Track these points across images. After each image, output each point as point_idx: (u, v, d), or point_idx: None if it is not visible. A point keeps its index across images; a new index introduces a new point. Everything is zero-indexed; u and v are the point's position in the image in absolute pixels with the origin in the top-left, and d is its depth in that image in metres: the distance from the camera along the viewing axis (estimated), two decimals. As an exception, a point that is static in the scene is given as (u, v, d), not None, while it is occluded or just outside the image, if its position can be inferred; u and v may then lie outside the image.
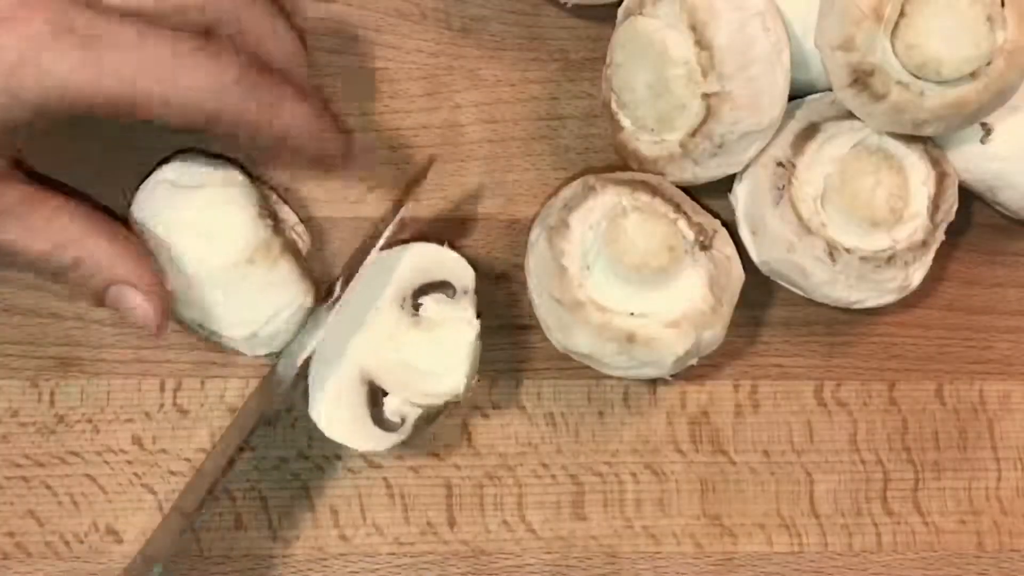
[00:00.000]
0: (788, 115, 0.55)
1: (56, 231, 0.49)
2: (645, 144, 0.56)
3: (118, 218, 0.52)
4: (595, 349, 0.53)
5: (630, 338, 0.53)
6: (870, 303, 0.56)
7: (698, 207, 0.56)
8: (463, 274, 0.55)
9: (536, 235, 0.55)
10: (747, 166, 0.56)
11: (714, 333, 0.54)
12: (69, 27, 0.46)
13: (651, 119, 0.55)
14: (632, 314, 0.53)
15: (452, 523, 0.56)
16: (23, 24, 0.45)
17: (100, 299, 0.50)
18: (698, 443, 0.58)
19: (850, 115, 0.55)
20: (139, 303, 0.50)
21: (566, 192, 0.56)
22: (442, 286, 0.55)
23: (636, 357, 0.53)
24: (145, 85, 0.46)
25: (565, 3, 0.60)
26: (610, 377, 0.57)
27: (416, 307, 0.55)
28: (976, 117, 0.54)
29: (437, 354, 0.54)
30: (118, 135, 0.56)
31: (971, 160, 0.56)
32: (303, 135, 0.50)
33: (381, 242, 0.54)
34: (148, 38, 0.47)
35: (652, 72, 0.54)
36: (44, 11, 0.46)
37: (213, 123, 0.48)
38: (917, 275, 0.56)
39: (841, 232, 0.55)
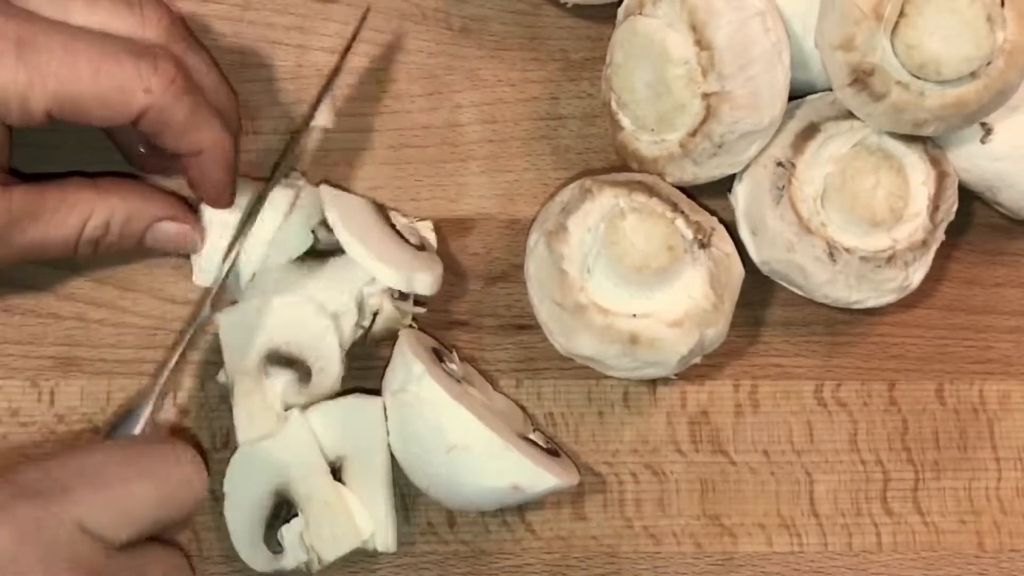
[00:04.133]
0: (788, 115, 0.55)
1: (72, 211, 0.51)
2: (645, 144, 0.56)
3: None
4: (599, 352, 0.53)
5: (633, 339, 0.53)
6: (870, 303, 0.56)
7: (695, 205, 0.56)
8: (327, 355, 0.55)
9: (535, 240, 0.55)
10: (747, 166, 0.56)
11: (717, 331, 0.54)
12: (1, 35, 0.47)
13: (651, 119, 0.55)
14: (634, 315, 0.53)
15: (452, 523, 0.56)
16: None
17: (142, 248, 0.54)
18: (698, 443, 0.58)
19: (850, 115, 0.55)
20: (178, 230, 0.53)
21: (563, 196, 0.56)
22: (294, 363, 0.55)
23: (640, 358, 0.53)
24: (78, 85, 0.48)
25: (565, 3, 0.60)
26: (610, 377, 0.57)
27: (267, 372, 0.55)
28: (976, 117, 0.54)
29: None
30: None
31: (971, 160, 0.56)
32: (214, 159, 0.53)
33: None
34: (79, 39, 0.48)
35: (652, 72, 0.54)
36: None
37: (144, 121, 0.50)
38: (917, 275, 0.56)
39: (841, 232, 0.55)
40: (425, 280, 0.55)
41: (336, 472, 0.54)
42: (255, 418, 0.54)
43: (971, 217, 0.61)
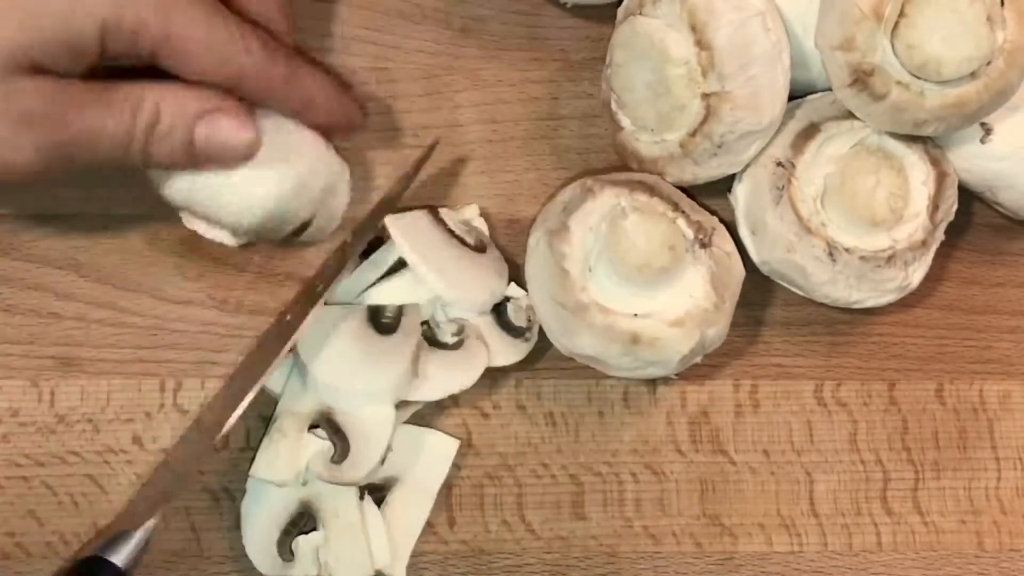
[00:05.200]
0: (788, 115, 0.55)
1: (126, 99, 0.50)
2: (645, 144, 0.56)
3: None
4: (600, 351, 0.53)
5: (634, 339, 0.53)
6: (870, 303, 0.56)
7: (696, 205, 0.56)
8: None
9: (536, 239, 0.55)
10: (747, 166, 0.56)
11: (718, 330, 0.54)
12: None
13: (651, 119, 0.55)
14: (635, 315, 0.53)
15: (452, 523, 0.56)
16: None
17: (192, 147, 0.51)
18: (698, 443, 0.58)
19: (850, 115, 0.55)
20: (232, 123, 0.51)
21: (564, 195, 0.56)
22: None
23: (641, 357, 0.53)
24: (192, 29, 0.49)
25: (565, 3, 0.60)
26: (610, 377, 0.57)
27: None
28: (976, 117, 0.54)
29: None
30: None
31: (971, 160, 0.56)
32: (325, 102, 0.53)
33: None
34: None
35: (652, 72, 0.54)
36: None
37: (238, 83, 0.50)
38: (917, 275, 0.56)
39: (841, 232, 0.55)
40: (500, 287, 0.56)
41: (377, 491, 0.55)
42: (275, 463, 0.53)
43: (971, 217, 0.61)
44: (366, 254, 0.56)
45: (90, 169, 0.50)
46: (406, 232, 0.55)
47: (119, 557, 0.50)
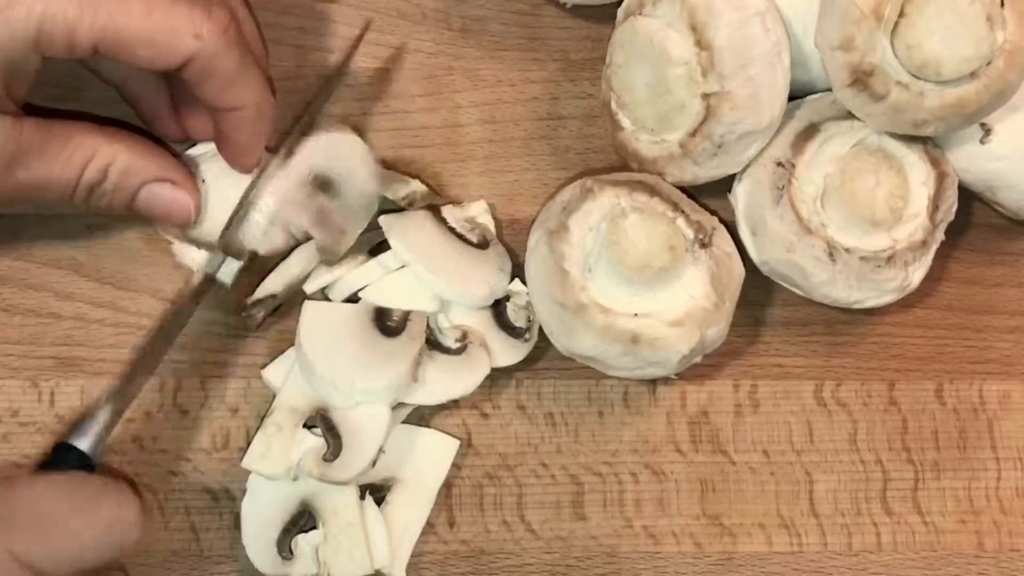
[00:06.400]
0: (788, 115, 0.55)
1: (76, 151, 0.50)
2: (645, 144, 0.56)
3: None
4: (600, 351, 0.53)
5: (635, 339, 0.53)
6: (870, 303, 0.56)
7: (696, 205, 0.56)
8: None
9: (535, 239, 0.55)
10: (747, 166, 0.56)
11: (718, 330, 0.54)
12: None
13: (651, 119, 0.55)
14: (635, 315, 0.53)
15: (452, 523, 0.56)
16: None
17: (132, 206, 0.52)
18: (698, 443, 0.58)
19: (850, 115, 0.55)
20: (174, 195, 0.51)
21: (564, 195, 0.56)
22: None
23: (641, 357, 0.53)
24: (128, 23, 0.47)
25: (565, 3, 0.60)
26: (610, 377, 0.57)
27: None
28: (976, 117, 0.54)
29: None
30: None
31: (971, 160, 0.56)
32: (252, 117, 0.52)
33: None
34: None
35: (652, 72, 0.54)
36: None
37: (190, 68, 0.49)
38: (917, 275, 0.56)
39: (841, 232, 0.55)
40: (501, 283, 0.56)
41: (378, 491, 0.55)
42: (267, 455, 0.53)
43: (971, 217, 0.61)
44: (372, 254, 0.56)
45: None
46: (403, 231, 0.55)
47: (84, 442, 0.50)
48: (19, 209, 0.53)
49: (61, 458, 0.50)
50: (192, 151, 0.55)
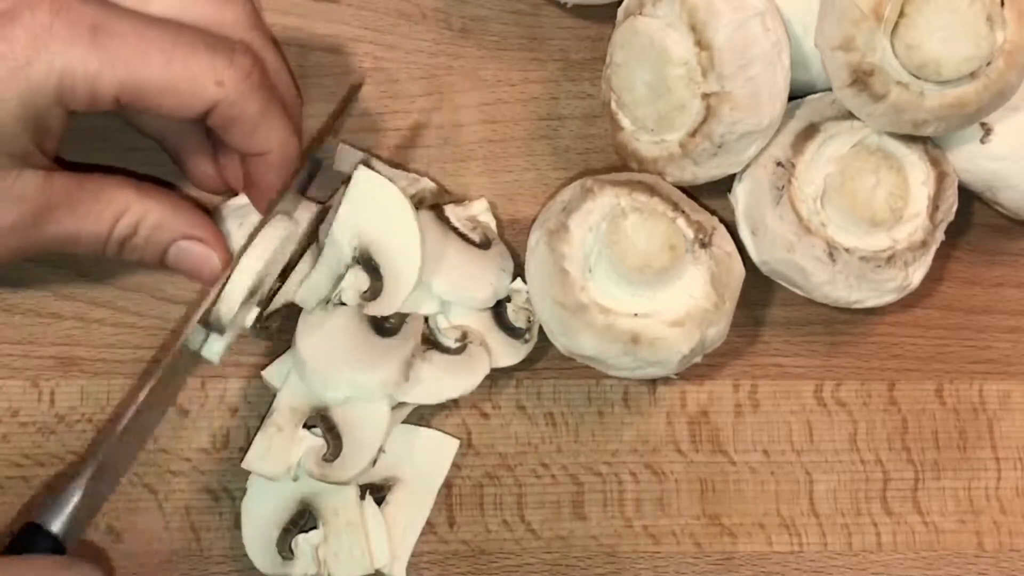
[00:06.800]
0: (788, 115, 0.55)
1: (108, 206, 0.50)
2: (645, 144, 0.56)
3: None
4: (600, 351, 0.53)
5: (635, 339, 0.53)
6: (870, 303, 0.56)
7: (696, 205, 0.56)
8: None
9: (536, 239, 0.55)
10: (747, 166, 0.56)
11: (718, 330, 0.54)
12: (75, 18, 0.46)
13: (651, 119, 0.55)
14: (635, 315, 0.53)
15: (452, 523, 0.56)
16: (29, 16, 0.46)
17: (162, 262, 0.52)
18: (698, 443, 0.58)
19: (850, 115, 0.55)
20: (201, 253, 0.51)
21: (564, 195, 0.56)
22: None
23: (641, 357, 0.53)
24: (149, 73, 0.47)
25: (565, 3, 0.60)
26: (610, 377, 0.57)
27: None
28: (976, 117, 0.54)
29: None
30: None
31: (971, 160, 0.56)
32: (278, 161, 0.52)
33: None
34: (153, 27, 0.48)
35: (652, 72, 0.54)
36: (49, 3, 0.46)
37: (214, 115, 0.49)
38: (917, 275, 0.56)
39: (841, 232, 0.55)
40: (503, 282, 0.56)
41: (378, 491, 0.55)
42: (267, 455, 0.53)
43: (971, 217, 0.61)
44: None
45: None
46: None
47: (55, 523, 0.50)
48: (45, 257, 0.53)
49: (29, 539, 0.50)
50: (230, 202, 0.55)
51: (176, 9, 0.49)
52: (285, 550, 0.53)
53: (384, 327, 0.55)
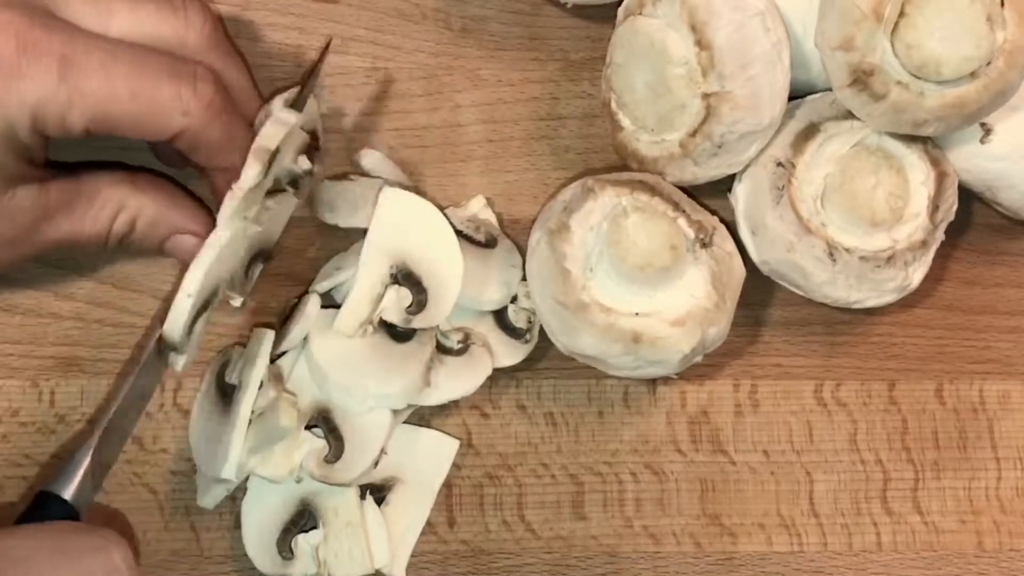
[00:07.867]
0: (788, 115, 0.55)
1: (104, 207, 0.51)
2: (645, 144, 0.56)
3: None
4: (601, 350, 0.53)
5: (636, 338, 0.53)
6: (870, 303, 0.56)
7: (696, 205, 0.56)
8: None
9: (536, 239, 0.55)
10: (747, 166, 0.56)
11: (719, 329, 0.54)
12: (42, 51, 0.47)
13: (651, 119, 0.55)
14: (636, 314, 0.53)
15: (452, 523, 0.56)
16: None
17: (160, 251, 0.54)
18: (698, 443, 0.58)
19: (850, 115, 0.55)
20: (195, 247, 0.52)
21: (565, 194, 0.56)
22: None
23: (642, 357, 0.53)
24: (116, 107, 0.48)
25: (565, 3, 0.60)
26: (610, 377, 0.57)
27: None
28: (976, 117, 0.54)
29: None
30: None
31: (971, 160, 0.56)
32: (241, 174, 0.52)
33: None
34: (119, 59, 0.48)
35: (652, 72, 0.54)
36: (15, 36, 0.47)
37: (179, 140, 0.50)
38: (917, 275, 0.56)
39: (841, 232, 0.55)
40: (514, 278, 0.56)
41: (379, 491, 0.55)
42: (270, 459, 0.53)
43: (971, 217, 0.61)
44: None
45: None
46: None
47: (66, 490, 0.51)
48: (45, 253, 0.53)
49: (43, 506, 0.50)
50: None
51: (136, 30, 0.50)
52: (285, 550, 0.53)
53: (397, 332, 0.55)
